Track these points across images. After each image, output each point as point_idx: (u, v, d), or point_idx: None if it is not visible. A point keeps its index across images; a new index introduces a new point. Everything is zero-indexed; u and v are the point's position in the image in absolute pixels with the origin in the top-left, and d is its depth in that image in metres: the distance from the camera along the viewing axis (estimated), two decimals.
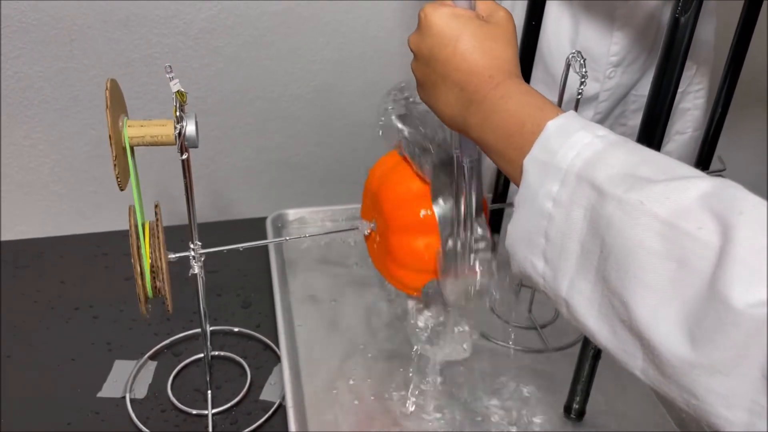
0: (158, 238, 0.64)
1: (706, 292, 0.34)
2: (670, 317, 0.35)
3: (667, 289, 0.36)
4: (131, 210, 0.63)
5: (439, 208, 0.62)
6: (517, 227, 0.46)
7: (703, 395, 0.35)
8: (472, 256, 0.61)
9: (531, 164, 0.44)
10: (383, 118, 0.67)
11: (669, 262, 0.36)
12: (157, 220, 0.65)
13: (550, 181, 0.42)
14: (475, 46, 0.49)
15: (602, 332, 0.40)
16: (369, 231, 0.70)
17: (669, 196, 0.37)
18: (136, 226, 0.63)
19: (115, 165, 0.58)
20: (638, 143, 0.43)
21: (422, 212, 0.63)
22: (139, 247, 0.62)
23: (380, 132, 0.67)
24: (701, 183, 0.37)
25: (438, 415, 0.77)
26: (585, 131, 0.43)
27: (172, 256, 0.65)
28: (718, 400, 0.34)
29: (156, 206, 0.67)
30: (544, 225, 0.43)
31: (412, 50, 0.54)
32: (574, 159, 0.42)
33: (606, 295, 0.39)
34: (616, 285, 0.38)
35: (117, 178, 0.59)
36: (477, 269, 0.61)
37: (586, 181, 0.40)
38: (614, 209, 0.38)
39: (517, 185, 0.46)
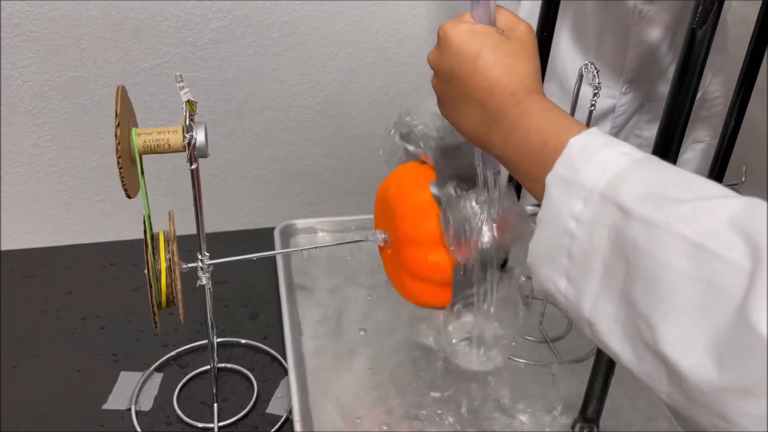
0: (172, 248, 0.63)
1: (736, 317, 0.33)
2: (698, 340, 0.34)
3: (696, 311, 0.34)
4: (145, 220, 0.63)
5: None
6: (539, 245, 0.45)
7: (734, 418, 0.33)
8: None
9: (554, 182, 0.43)
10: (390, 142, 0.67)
11: (698, 283, 0.34)
12: (170, 230, 0.65)
13: (573, 200, 0.42)
14: (495, 62, 0.49)
15: (626, 354, 0.39)
16: (383, 242, 0.69)
17: (697, 216, 0.36)
18: (150, 236, 0.62)
19: (121, 174, 0.57)
20: (663, 160, 0.41)
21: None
22: (153, 256, 0.62)
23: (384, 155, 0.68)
24: (730, 203, 0.35)
25: (447, 430, 0.76)
26: (609, 149, 0.42)
27: (184, 266, 0.65)
28: (752, 421, 0.33)
29: (169, 216, 0.66)
30: (567, 244, 0.42)
31: (432, 67, 0.53)
32: (598, 177, 0.40)
33: (631, 317, 0.38)
34: (642, 307, 0.37)
35: (124, 187, 0.58)
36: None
37: (611, 200, 0.39)
38: (640, 230, 0.37)
39: (540, 203, 0.45)
